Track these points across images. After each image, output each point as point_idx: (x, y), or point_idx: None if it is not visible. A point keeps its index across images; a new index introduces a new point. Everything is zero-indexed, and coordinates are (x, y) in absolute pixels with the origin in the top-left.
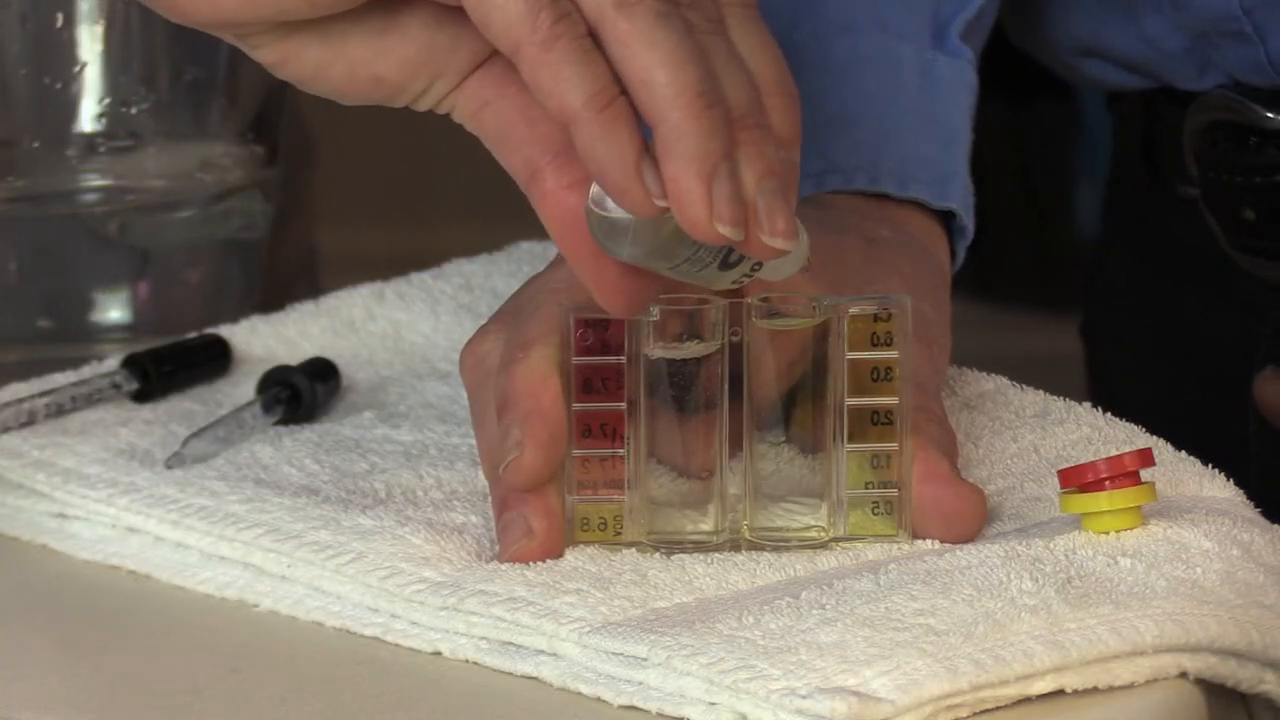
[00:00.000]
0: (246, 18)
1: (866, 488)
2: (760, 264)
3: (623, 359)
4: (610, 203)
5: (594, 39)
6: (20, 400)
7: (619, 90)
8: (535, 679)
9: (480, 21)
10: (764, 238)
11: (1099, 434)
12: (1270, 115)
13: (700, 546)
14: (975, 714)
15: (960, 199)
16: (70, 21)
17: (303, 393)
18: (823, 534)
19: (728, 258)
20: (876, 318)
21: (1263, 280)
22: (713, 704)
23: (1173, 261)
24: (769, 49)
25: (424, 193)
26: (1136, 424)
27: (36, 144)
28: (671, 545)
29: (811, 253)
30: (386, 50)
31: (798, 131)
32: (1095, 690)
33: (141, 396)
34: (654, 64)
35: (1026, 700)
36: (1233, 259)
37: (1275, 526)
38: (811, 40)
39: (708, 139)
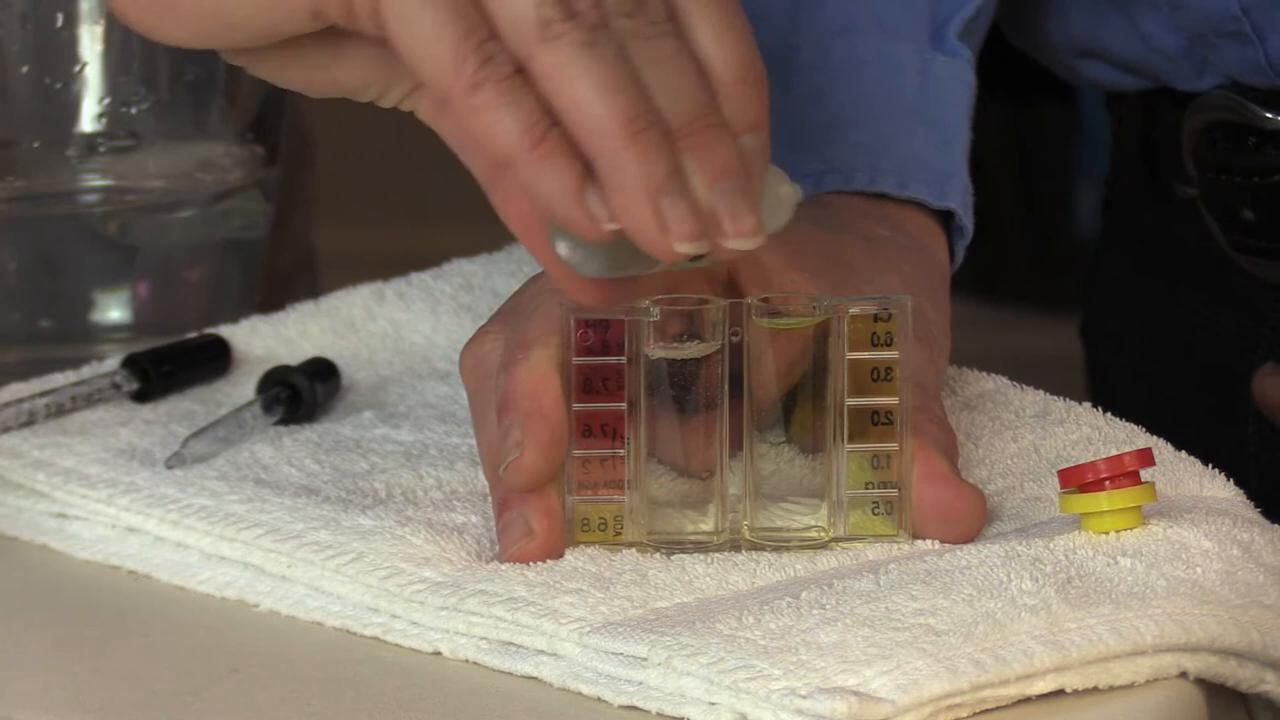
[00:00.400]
0: (200, 45)
1: (867, 488)
2: None
3: (623, 359)
4: None
5: (524, 73)
6: (20, 400)
7: (551, 123)
8: (535, 679)
9: (409, 66)
10: (727, 242)
11: (1099, 434)
12: (1269, 115)
13: (700, 547)
14: (975, 714)
15: (959, 199)
16: (70, 21)
17: (303, 393)
18: (823, 534)
19: None
20: (877, 318)
21: (1262, 280)
22: (713, 704)
23: (1172, 261)
24: (731, 33)
25: (424, 193)
26: (1136, 424)
27: (36, 144)
28: (672, 545)
29: (811, 252)
30: (341, 59)
31: (762, 114)
32: (1095, 690)
33: (141, 396)
34: (581, 96)
35: (1026, 700)
36: (1231, 259)
37: (1275, 526)
38: (810, 40)
39: (647, 164)
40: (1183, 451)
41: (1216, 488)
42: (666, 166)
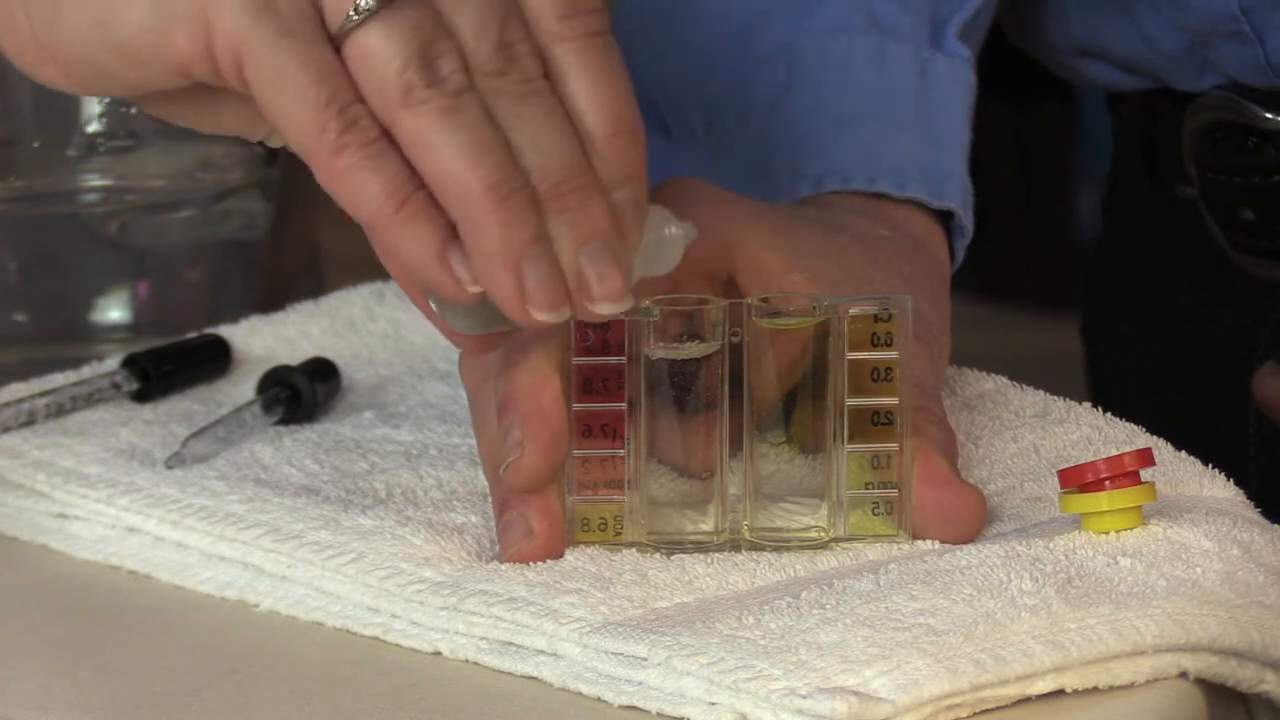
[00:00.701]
0: (83, 93)
1: (867, 488)
2: None
3: (623, 359)
4: None
5: (389, 137)
6: (20, 400)
7: (415, 186)
8: (535, 679)
9: (275, 129)
10: (593, 306)
11: (1099, 434)
12: (1269, 115)
13: (700, 547)
14: (975, 714)
15: (959, 198)
16: None
17: (303, 393)
18: (823, 534)
19: None
20: (877, 318)
21: (1261, 280)
22: (713, 704)
23: (1172, 261)
24: (607, 85)
25: None
26: (1136, 423)
27: (36, 144)
28: (672, 545)
29: (811, 252)
30: (221, 108)
31: (638, 165)
32: (1095, 690)
33: (141, 396)
34: (445, 162)
35: (1026, 700)
36: (1232, 259)
37: (1275, 526)
38: (809, 41)
39: (510, 229)
40: (1183, 451)
41: (1216, 488)
42: (530, 232)
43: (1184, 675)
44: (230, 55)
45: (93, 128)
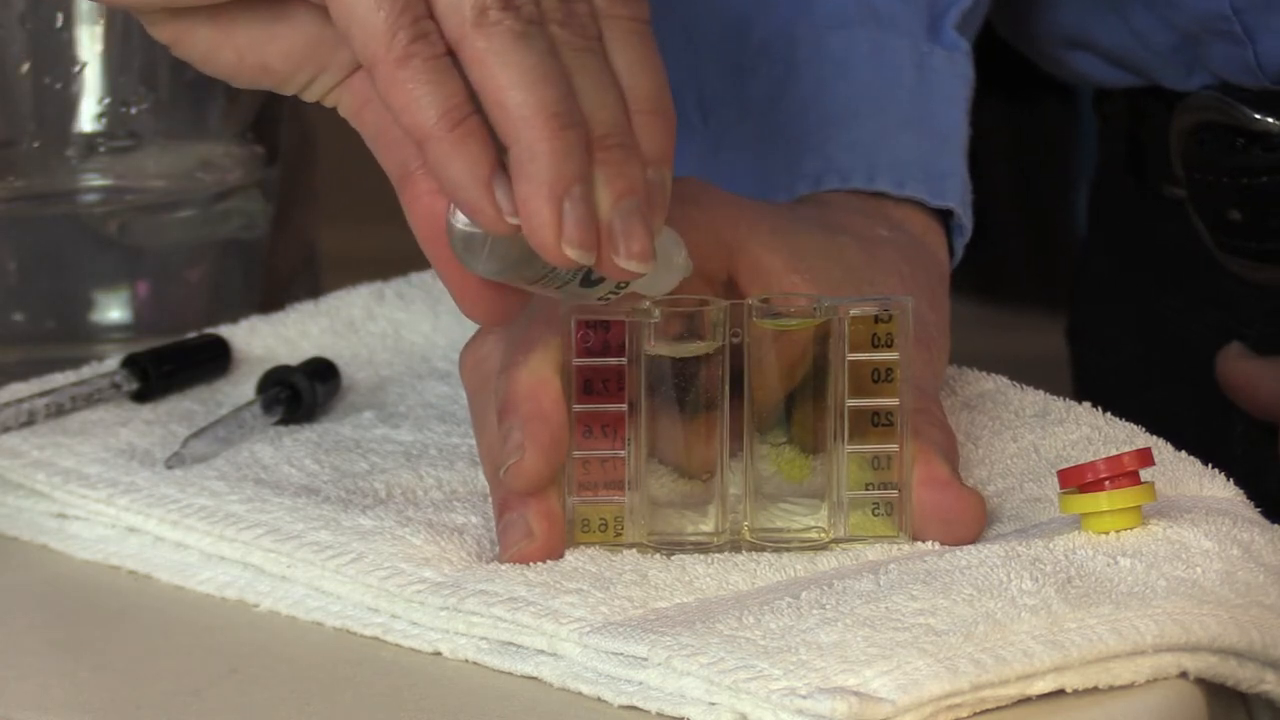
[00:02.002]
0: (138, 5)
1: (867, 489)
2: (626, 283)
3: (624, 360)
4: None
5: (454, 57)
6: (20, 400)
7: (473, 109)
8: (535, 679)
9: (342, 33)
10: (618, 260)
11: (1099, 434)
12: (1257, 117)
13: (701, 547)
14: (975, 714)
15: (957, 197)
16: (70, 21)
17: (303, 393)
18: (823, 535)
19: (589, 275)
20: (877, 319)
21: (1247, 281)
22: (713, 704)
23: (1157, 262)
24: (648, 67)
25: None
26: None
27: (36, 144)
28: (672, 546)
29: (811, 253)
30: (273, 39)
31: (669, 150)
32: (1095, 690)
33: (141, 396)
34: (508, 83)
35: (1026, 700)
36: (1218, 259)
37: (1275, 526)
38: (807, 35)
39: (561, 160)
40: (1183, 452)
41: (1216, 488)
42: (578, 169)
43: (1184, 675)
44: None
45: (93, 128)
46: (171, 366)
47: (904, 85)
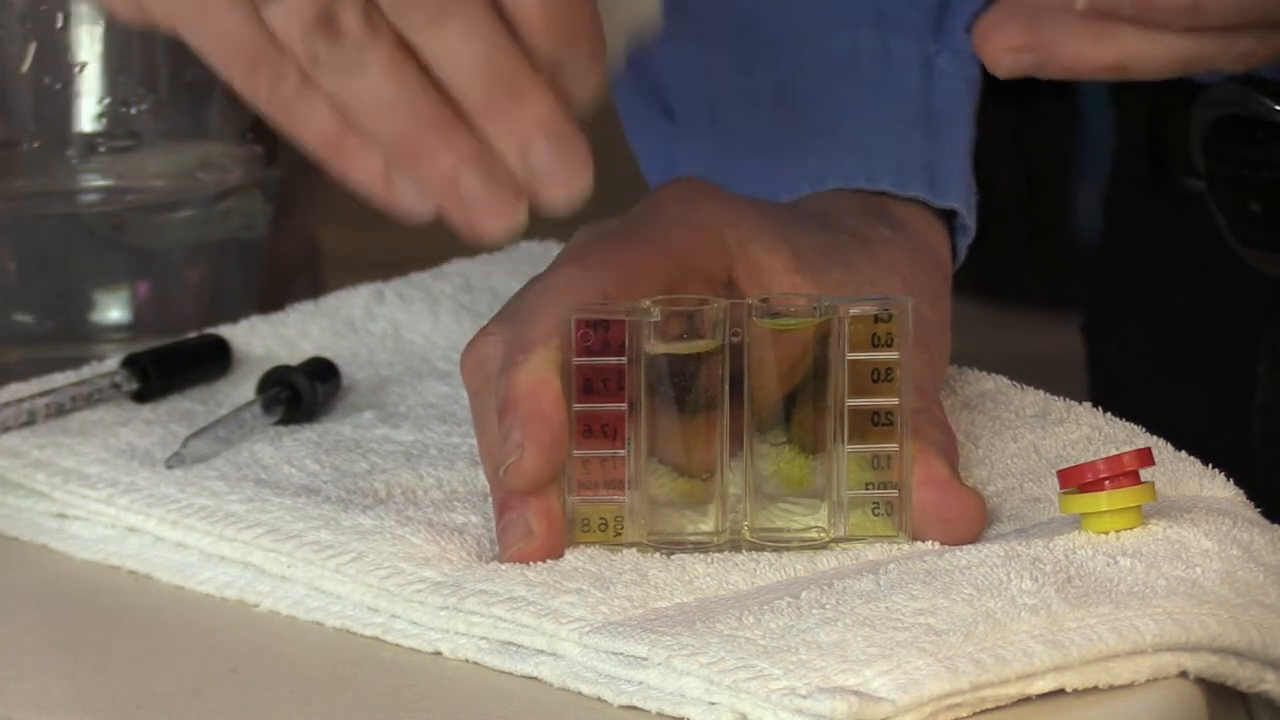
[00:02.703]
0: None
1: (867, 488)
2: None
3: (624, 359)
4: None
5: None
6: (20, 400)
7: (344, 128)
8: (535, 679)
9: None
10: (549, 195)
11: (1099, 434)
12: (1278, 109)
13: (701, 547)
14: (975, 714)
15: (961, 197)
16: (70, 21)
17: (303, 393)
18: (823, 534)
19: None
20: (877, 318)
21: (1267, 274)
22: (713, 704)
23: (1174, 257)
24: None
25: None
26: (1136, 421)
27: (36, 144)
28: (672, 545)
29: (811, 253)
30: None
31: (580, 24)
32: (1095, 690)
33: (141, 396)
34: (360, 115)
35: (1026, 700)
36: (1236, 253)
37: (1275, 526)
38: (815, 33)
39: (432, 161)
40: (1183, 451)
41: (1216, 488)
42: (453, 156)
43: (1184, 675)
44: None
45: (93, 128)
46: (171, 366)
47: (910, 86)
